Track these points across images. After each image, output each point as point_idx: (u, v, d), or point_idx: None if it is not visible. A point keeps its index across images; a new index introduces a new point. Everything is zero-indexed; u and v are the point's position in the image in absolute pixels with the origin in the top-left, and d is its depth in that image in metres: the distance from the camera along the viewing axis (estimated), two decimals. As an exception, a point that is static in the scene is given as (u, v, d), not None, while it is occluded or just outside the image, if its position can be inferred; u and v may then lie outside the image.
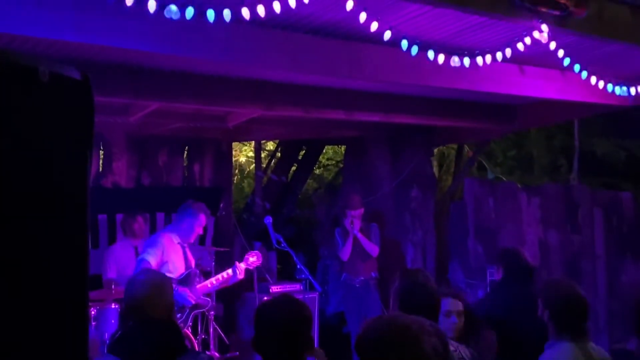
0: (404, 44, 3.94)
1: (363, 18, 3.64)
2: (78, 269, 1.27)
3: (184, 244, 5.25)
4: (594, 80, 4.83)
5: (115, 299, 4.97)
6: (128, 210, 6.10)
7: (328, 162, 12.36)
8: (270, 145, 11.26)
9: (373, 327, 1.82)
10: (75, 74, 1.27)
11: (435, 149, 9.30)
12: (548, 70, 5.18)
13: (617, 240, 6.91)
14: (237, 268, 5.23)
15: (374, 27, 3.71)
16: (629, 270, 6.86)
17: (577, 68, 4.63)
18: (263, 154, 10.18)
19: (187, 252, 5.28)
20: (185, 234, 5.21)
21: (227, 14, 3.43)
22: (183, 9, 3.31)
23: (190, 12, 3.33)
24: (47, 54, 3.95)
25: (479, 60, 4.31)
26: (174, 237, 5.18)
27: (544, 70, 5.18)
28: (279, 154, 10.03)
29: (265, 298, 5.68)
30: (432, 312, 2.78)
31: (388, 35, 3.81)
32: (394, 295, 2.94)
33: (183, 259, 5.20)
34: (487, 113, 6.68)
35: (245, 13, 3.43)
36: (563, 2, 3.93)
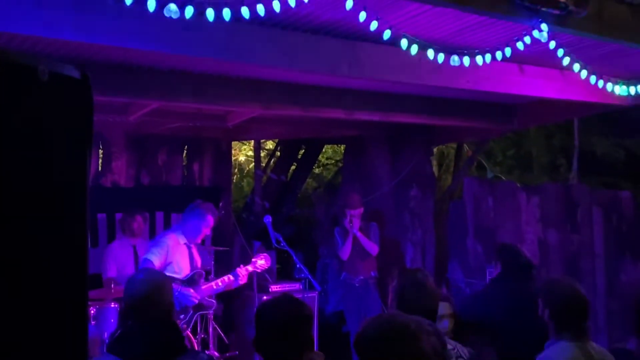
0: (404, 43, 3.94)
1: (363, 17, 3.63)
2: (77, 268, 1.27)
3: (190, 244, 5.19)
4: (594, 80, 4.83)
5: (115, 298, 4.96)
6: (127, 210, 6.10)
7: (327, 161, 12.37)
8: (270, 145, 11.26)
9: (372, 326, 1.82)
10: (75, 73, 1.27)
11: (435, 148, 9.30)
12: (548, 70, 5.18)
13: (616, 240, 6.90)
14: (238, 272, 5.19)
15: (374, 26, 3.71)
16: (629, 270, 6.85)
17: (576, 67, 4.62)
18: (262, 153, 10.18)
19: (193, 252, 5.22)
20: (192, 234, 5.16)
21: (226, 13, 3.42)
22: (183, 8, 3.31)
23: (190, 11, 3.33)
24: (46, 53, 3.95)
25: (479, 60, 4.30)
26: (180, 237, 5.13)
27: (544, 70, 5.18)
28: (279, 153, 10.02)
29: (265, 297, 5.70)
30: (430, 311, 2.79)
31: (388, 35, 3.81)
32: (393, 295, 2.95)
33: (189, 260, 5.15)
34: (486, 112, 6.68)
35: (245, 12, 3.43)
36: (563, 1, 3.93)
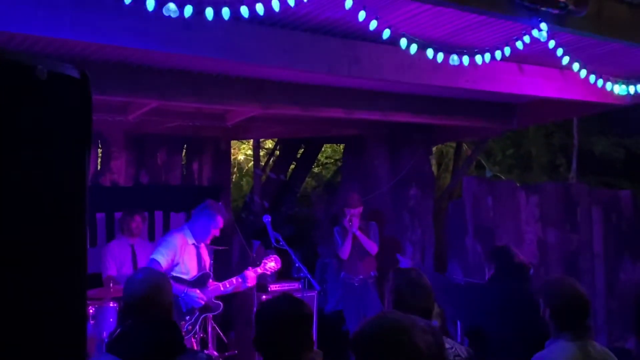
0: (403, 43, 3.94)
1: (362, 16, 3.63)
2: (76, 268, 1.27)
3: (199, 245, 5.13)
4: (593, 79, 4.83)
5: (114, 298, 4.96)
6: (126, 209, 6.10)
7: (327, 160, 12.35)
8: (269, 144, 11.25)
9: (366, 325, 1.82)
10: (74, 72, 1.26)
11: (434, 148, 9.29)
12: (547, 69, 5.18)
13: (616, 239, 6.90)
14: (247, 275, 5.15)
15: (373, 25, 3.71)
16: (628, 269, 6.85)
17: (576, 67, 4.62)
18: (262, 152, 10.17)
19: (201, 253, 5.16)
20: (200, 235, 5.08)
21: (225, 12, 3.42)
22: (182, 7, 3.31)
23: (189, 10, 3.32)
24: (45, 52, 3.95)
25: (478, 59, 4.30)
26: (189, 237, 5.05)
27: (543, 69, 5.18)
28: (278, 152, 10.01)
29: (264, 297, 5.70)
30: (426, 309, 2.78)
31: (387, 34, 3.81)
32: (388, 294, 2.94)
33: (196, 260, 5.08)
34: (486, 112, 6.68)
35: (244, 11, 3.42)
36: (562, 0, 3.93)
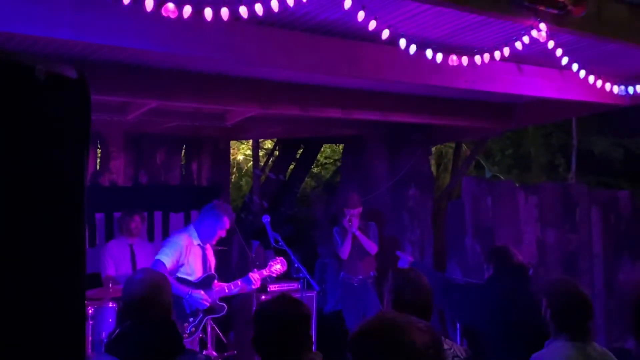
0: (402, 43, 3.94)
1: (361, 16, 3.63)
2: (75, 268, 1.27)
3: (204, 245, 5.07)
4: (592, 79, 4.83)
5: (113, 298, 4.95)
6: (125, 209, 6.09)
7: (326, 160, 12.35)
8: (268, 144, 11.25)
9: (364, 325, 1.82)
10: (72, 73, 1.26)
11: (433, 148, 9.29)
12: (546, 69, 5.17)
13: (614, 239, 6.91)
14: (251, 277, 5.11)
15: (372, 25, 3.71)
16: (627, 269, 6.85)
17: (575, 67, 4.62)
18: (261, 153, 10.16)
19: (207, 253, 5.10)
20: (206, 235, 5.02)
21: (224, 12, 3.42)
22: (180, 7, 3.30)
23: (188, 10, 3.32)
24: (44, 52, 3.95)
25: (477, 59, 4.30)
26: (195, 237, 5.00)
27: (542, 69, 5.18)
28: (277, 153, 10.01)
29: (263, 297, 5.69)
30: (424, 309, 2.78)
31: (386, 34, 3.81)
32: (387, 294, 2.94)
33: (202, 261, 5.03)
34: (485, 112, 6.68)
35: (243, 11, 3.42)
36: (561, 0, 3.93)
